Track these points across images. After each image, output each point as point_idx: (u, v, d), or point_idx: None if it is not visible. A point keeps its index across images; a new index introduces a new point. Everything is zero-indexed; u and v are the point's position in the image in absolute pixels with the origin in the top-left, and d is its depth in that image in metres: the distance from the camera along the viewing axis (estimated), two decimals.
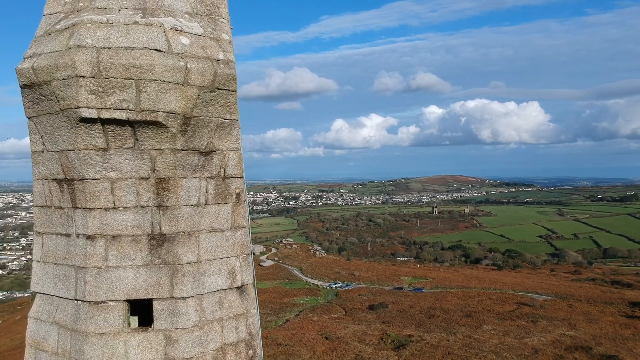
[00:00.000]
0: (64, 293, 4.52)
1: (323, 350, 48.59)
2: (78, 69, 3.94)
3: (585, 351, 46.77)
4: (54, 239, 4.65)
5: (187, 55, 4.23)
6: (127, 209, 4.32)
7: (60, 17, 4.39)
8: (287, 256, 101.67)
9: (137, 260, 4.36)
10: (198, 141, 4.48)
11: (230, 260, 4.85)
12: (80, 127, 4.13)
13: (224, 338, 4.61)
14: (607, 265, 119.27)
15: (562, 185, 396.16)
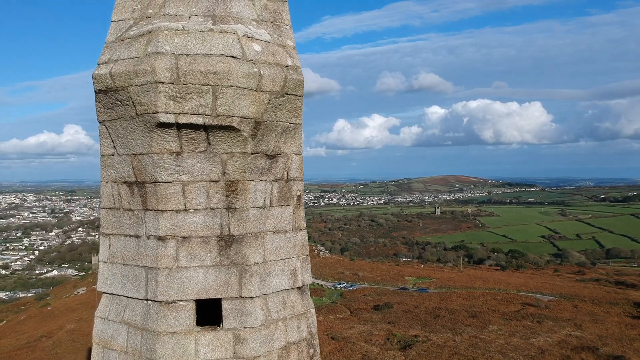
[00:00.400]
0: (133, 293, 4.62)
1: (329, 350, 48.63)
2: (158, 75, 4.04)
3: (591, 351, 46.79)
4: (122, 240, 4.76)
5: (259, 62, 4.34)
6: (198, 211, 4.43)
7: (130, 24, 4.50)
8: None
9: (206, 261, 4.47)
10: (266, 145, 4.58)
11: (292, 261, 4.95)
12: (155, 132, 4.24)
13: (287, 337, 4.72)
14: (611, 266, 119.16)
15: (565, 185, 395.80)
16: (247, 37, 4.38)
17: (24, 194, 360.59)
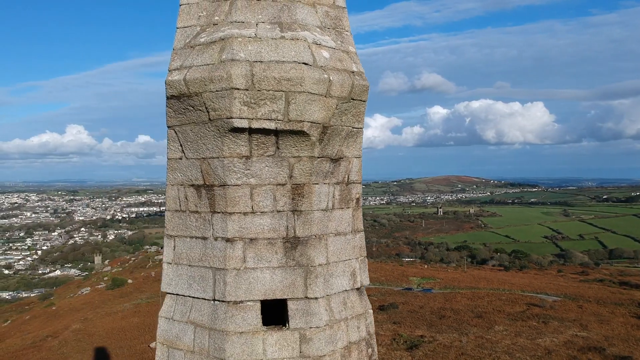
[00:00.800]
0: (200, 293, 4.73)
1: None
2: (233, 81, 4.15)
3: (598, 352, 46.85)
4: (187, 241, 4.87)
5: (328, 68, 4.45)
6: (265, 214, 4.55)
7: (197, 31, 4.61)
8: None
9: (273, 262, 4.58)
10: (331, 149, 4.70)
11: (351, 262, 5.07)
12: (227, 136, 4.35)
13: (349, 337, 4.83)
14: (614, 266, 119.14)
15: (567, 185, 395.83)
16: (316, 44, 4.49)
17: (27, 193, 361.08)
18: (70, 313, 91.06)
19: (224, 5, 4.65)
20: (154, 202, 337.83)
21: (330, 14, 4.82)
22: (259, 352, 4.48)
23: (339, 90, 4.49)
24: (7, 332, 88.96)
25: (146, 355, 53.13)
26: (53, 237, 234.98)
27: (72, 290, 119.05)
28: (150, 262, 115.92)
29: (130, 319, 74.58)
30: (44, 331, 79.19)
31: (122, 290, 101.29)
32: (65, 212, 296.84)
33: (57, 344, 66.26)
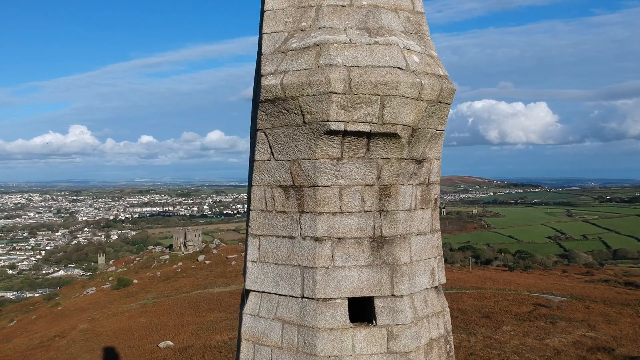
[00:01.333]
0: (287, 291, 4.87)
1: None
2: (332, 86, 4.29)
3: (607, 352, 46.95)
4: (274, 241, 5.01)
5: (419, 72, 4.59)
6: (352, 214, 4.69)
7: (285, 36, 4.75)
8: None
9: (360, 261, 4.72)
10: (416, 151, 4.84)
11: (430, 261, 5.21)
12: (321, 139, 4.49)
13: (430, 333, 4.97)
14: (619, 267, 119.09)
15: (570, 186, 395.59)
16: (407, 49, 4.63)
17: (30, 194, 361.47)
18: (76, 313, 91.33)
19: (310, 12, 4.79)
20: (157, 202, 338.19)
21: (410, 19, 4.96)
22: (348, 348, 4.63)
23: (429, 94, 4.63)
24: (13, 331, 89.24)
25: (155, 355, 53.28)
26: (56, 237, 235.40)
27: (77, 290, 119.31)
28: (155, 262, 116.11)
29: (137, 319, 74.78)
30: (51, 331, 79.44)
31: (127, 290, 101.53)
32: (68, 212, 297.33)
33: (65, 344, 66.48)
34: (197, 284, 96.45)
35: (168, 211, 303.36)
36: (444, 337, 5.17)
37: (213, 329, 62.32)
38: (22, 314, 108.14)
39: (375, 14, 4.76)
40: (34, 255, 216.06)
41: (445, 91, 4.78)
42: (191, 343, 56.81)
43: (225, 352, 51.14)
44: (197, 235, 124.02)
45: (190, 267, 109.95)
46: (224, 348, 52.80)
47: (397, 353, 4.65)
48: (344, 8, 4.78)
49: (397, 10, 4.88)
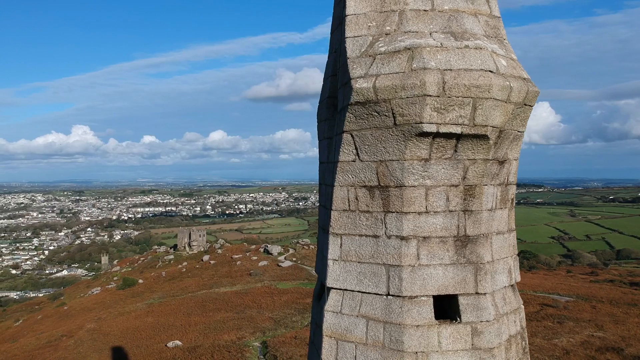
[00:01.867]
0: (372, 289, 4.99)
1: None
2: (427, 89, 4.42)
3: (616, 352, 46.97)
4: (356, 239, 5.13)
5: (507, 75, 4.71)
6: (437, 213, 4.81)
7: (370, 40, 4.87)
8: (305, 257, 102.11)
9: (444, 259, 4.84)
10: (500, 152, 4.96)
11: (508, 260, 5.33)
12: (411, 140, 4.61)
13: (509, 330, 5.09)
14: (623, 267, 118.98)
15: (573, 186, 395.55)
16: (494, 53, 4.75)
17: (33, 194, 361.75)
18: (82, 313, 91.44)
19: (393, 16, 4.91)
20: (160, 202, 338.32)
21: (489, 23, 5.08)
22: (434, 344, 4.75)
23: (517, 96, 4.75)
24: (19, 331, 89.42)
25: (164, 354, 53.38)
26: (60, 237, 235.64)
27: (81, 290, 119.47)
28: (159, 262, 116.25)
29: (144, 318, 74.89)
30: (57, 330, 79.57)
31: (133, 290, 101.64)
32: (71, 212, 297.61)
33: (73, 344, 66.61)
34: (203, 284, 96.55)
35: (171, 211, 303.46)
36: (520, 333, 5.29)
37: (221, 329, 62.41)
38: (27, 313, 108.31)
39: (458, 18, 4.88)
40: (37, 255, 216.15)
41: (531, 94, 4.90)
42: (199, 343, 56.91)
43: (234, 352, 51.23)
44: (201, 235, 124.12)
45: (195, 267, 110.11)
46: (233, 348, 52.89)
47: (482, 349, 4.77)
48: (427, 12, 4.90)
49: (476, 14, 5.00)
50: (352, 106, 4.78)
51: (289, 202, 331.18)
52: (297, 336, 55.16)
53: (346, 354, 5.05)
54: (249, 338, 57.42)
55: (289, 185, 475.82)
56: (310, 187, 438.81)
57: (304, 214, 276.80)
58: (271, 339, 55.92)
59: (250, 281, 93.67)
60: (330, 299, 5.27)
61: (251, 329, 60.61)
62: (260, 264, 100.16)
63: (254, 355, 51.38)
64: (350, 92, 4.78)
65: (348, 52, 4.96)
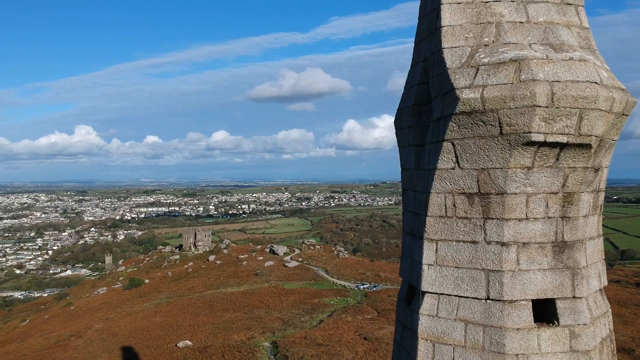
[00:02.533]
0: (470, 293, 5.14)
1: (365, 351, 49.06)
2: (537, 99, 4.56)
3: (627, 353, 47.06)
4: (453, 245, 5.27)
5: (609, 87, 4.86)
6: (537, 220, 4.96)
7: (469, 51, 5.01)
8: (311, 257, 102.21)
9: (543, 265, 5.00)
10: (597, 160, 5.11)
11: (597, 264, 5.48)
12: (517, 149, 4.76)
13: (601, 332, 5.24)
14: (628, 267, 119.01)
15: None
16: (595, 65, 4.89)
17: (36, 194, 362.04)
18: (89, 313, 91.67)
19: (490, 28, 5.05)
20: (163, 202, 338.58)
21: (581, 34, 5.22)
22: (534, 347, 4.90)
23: (618, 107, 4.89)
24: (27, 331, 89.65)
25: (175, 354, 53.53)
26: (63, 237, 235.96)
27: (87, 290, 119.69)
28: (165, 262, 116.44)
29: (152, 318, 75.04)
30: (65, 330, 79.75)
31: (139, 290, 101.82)
32: (74, 212, 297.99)
33: (82, 343, 66.78)
34: (210, 284, 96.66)
35: (174, 211, 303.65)
36: (609, 336, 5.44)
37: (230, 329, 62.54)
38: (33, 313, 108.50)
39: (553, 30, 5.03)
40: (41, 255, 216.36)
41: (630, 104, 5.05)
42: (209, 343, 56.99)
43: (244, 352, 51.33)
44: (206, 236, 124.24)
45: (201, 267, 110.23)
46: (243, 348, 52.96)
47: (579, 352, 4.92)
48: (523, 24, 5.05)
49: (569, 26, 5.15)
50: (457, 115, 4.92)
51: (291, 202, 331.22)
52: (307, 336, 55.28)
53: (443, 356, 5.19)
54: (258, 338, 57.47)
55: (292, 185, 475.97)
56: (313, 187, 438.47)
57: (307, 214, 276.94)
58: (281, 339, 55.96)
59: (257, 281, 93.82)
60: (425, 303, 5.41)
61: (260, 329, 60.72)
62: (267, 264, 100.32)
63: (265, 355, 51.41)
64: (454, 102, 4.91)
65: (447, 63, 5.10)
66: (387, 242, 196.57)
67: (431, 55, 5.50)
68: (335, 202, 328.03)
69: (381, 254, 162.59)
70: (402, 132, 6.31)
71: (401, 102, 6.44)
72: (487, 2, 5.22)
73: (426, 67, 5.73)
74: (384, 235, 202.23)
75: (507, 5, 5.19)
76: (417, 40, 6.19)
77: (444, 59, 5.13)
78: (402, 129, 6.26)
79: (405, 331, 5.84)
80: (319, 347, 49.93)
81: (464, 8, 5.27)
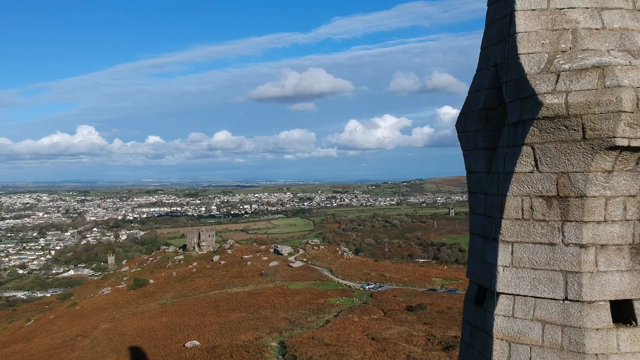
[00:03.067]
0: (547, 294, 5.26)
1: (373, 351, 49.15)
2: (623, 105, 4.68)
3: None
4: (530, 247, 5.39)
5: None
6: (615, 222, 5.08)
7: (546, 57, 5.13)
8: (316, 257, 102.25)
9: (621, 266, 5.12)
10: None
11: None
12: (599, 154, 4.88)
13: None
14: None
15: None
16: None
17: (38, 194, 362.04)
18: (94, 313, 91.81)
19: (566, 34, 5.17)
20: (165, 202, 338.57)
21: None
22: (613, 346, 5.02)
23: None
24: (32, 331, 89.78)
25: (183, 354, 53.63)
26: (66, 237, 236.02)
27: (91, 290, 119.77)
28: (169, 262, 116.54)
29: (159, 318, 75.14)
30: (71, 330, 79.87)
31: (144, 290, 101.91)
32: (76, 212, 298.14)
33: (89, 343, 66.89)
34: (215, 284, 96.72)
35: (176, 211, 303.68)
36: None
37: (236, 329, 62.60)
38: (37, 313, 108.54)
39: (629, 36, 5.14)
40: (44, 255, 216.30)
41: None
42: (217, 343, 57.02)
43: (252, 352, 51.39)
44: (210, 236, 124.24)
45: (205, 267, 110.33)
46: (251, 348, 53.01)
47: None
48: (598, 31, 5.16)
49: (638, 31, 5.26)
50: (539, 120, 5.02)
51: (293, 202, 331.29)
52: (315, 336, 55.34)
53: (520, 355, 5.30)
54: (266, 338, 57.50)
55: (294, 186, 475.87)
56: (315, 187, 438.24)
57: (309, 214, 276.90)
58: (288, 339, 55.98)
59: (262, 281, 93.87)
60: (500, 304, 5.52)
61: (267, 329, 60.75)
62: (271, 264, 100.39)
63: (273, 356, 51.44)
64: (536, 107, 5.02)
65: (525, 69, 5.21)
66: (390, 242, 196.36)
67: (504, 60, 5.60)
68: (337, 202, 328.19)
69: (384, 254, 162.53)
70: (466, 136, 6.42)
71: (465, 106, 6.55)
72: (562, 9, 5.34)
73: (497, 72, 5.83)
74: (386, 236, 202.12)
75: (582, 12, 5.30)
76: (484, 45, 6.30)
77: (520, 65, 5.25)
78: (467, 133, 6.37)
79: (475, 331, 5.95)
80: (327, 347, 50.01)
81: (539, 15, 5.39)
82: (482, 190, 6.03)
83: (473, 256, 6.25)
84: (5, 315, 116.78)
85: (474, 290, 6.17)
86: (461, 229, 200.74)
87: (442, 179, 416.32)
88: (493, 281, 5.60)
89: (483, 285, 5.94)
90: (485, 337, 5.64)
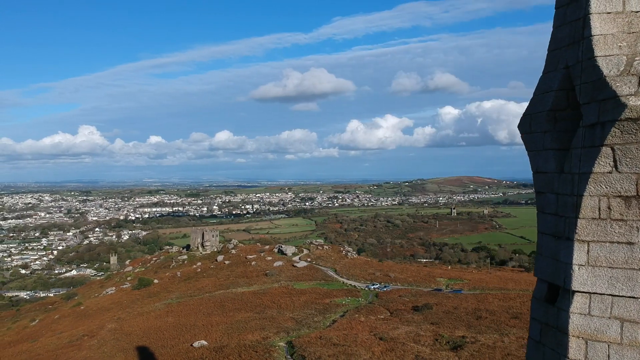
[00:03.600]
0: (625, 292, 5.36)
1: (381, 350, 49.20)
2: None
3: None
4: (607, 246, 5.48)
5: None
6: None
7: (625, 60, 5.23)
8: (320, 257, 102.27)
9: None
10: None
11: None
12: None
13: None
14: None
15: None
16: None
17: (40, 194, 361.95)
18: (100, 313, 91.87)
19: None
20: (166, 202, 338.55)
21: None
22: None
23: None
24: (37, 331, 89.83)
25: (191, 354, 53.68)
26: (68, 237, 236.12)
27: (95, 290, 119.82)
28: (173, 262, 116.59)
29: (165, 318, 75.19)
30: (77, 330, 79.91)
31: (149, 290, 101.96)
32: (78, 212, 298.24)
33: (96, 343, 66.95)
34: (220, 284, 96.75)
35: (178, 211, 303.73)
36: None
37: (243, 329, 62.65)
38: (41, 313, 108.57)
39: None
40: (46, 255, 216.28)
41: None
42: (225, 343, 57.06)
43: (260, 352, 51.42)
44: (214, 236, 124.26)
45: (210, 267, 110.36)
46: (259, 348, 53.06)
47: None
48: None
49: None
50: (621, 122, 5.12)
51: (295, 202, 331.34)
52: (322, 336, 55.40)
53: (597, 353, 5.39)
54: (273, 338, 57.55)
55: (295, 186, 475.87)
56: (317, 187, 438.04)
57: (311, 214, 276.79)
58: (296, 339, 56.01)
59: (267, 281, 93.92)
60: (575, 302, 5.61)
61: (274, 329, 60.80)
62: (276, 265, 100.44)
63: (281, 355, 51.49)
64: (618, 109, 5.11)
65: (604, 71, 5.30)
66: (392, 242, 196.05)
67: (577, 63, 5.69)
68: (339, 202, 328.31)
69: (386, 254, 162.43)
70: (533, 137, 6.50)
71: (530, 107, 6.63)
72: (638, 12, 5.43)
73: (567, 74, 5.91)
74: (389, 236, 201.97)
75: None
76: (552, 47, 6.38)
77: (598, 67, 5.34)
78: (534, 134, 6.45)
79: (547, 329, 6.04)
80: (335, 347, 50.06)
81: (614, 17, 5.48)
82: (553, 190, 6.11)
83: (543, 255, 6.33)
84: (9, 315, 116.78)
85: (544, 288, 6.26)
86: (463, 229, 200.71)
87: (444, 179, 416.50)
88: (567, 280, 5.69)
89: (554, 284, 6.03)
90: (559, 335, 5.73)
